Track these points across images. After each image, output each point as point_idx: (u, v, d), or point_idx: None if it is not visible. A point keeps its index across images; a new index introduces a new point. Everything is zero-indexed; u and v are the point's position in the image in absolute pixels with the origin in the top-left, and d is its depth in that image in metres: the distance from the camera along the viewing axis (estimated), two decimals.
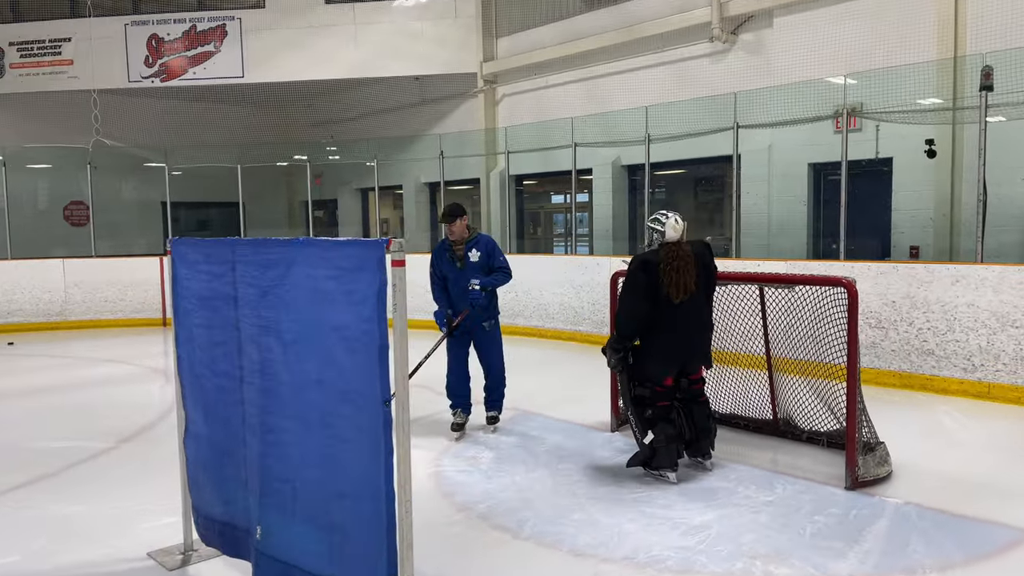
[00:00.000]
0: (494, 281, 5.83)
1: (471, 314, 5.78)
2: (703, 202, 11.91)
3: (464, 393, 6.11)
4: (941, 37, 8.16)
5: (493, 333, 6.02)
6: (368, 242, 2.55)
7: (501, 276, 5.85)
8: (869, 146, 8.76)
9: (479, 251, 5.81)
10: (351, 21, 13.67)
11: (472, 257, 5.79)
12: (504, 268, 5.86)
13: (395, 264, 2.53)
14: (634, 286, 4.82)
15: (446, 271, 5.87)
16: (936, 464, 5.14)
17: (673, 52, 11.02)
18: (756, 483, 4.81)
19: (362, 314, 2.58)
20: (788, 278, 5.22)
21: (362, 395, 2.62)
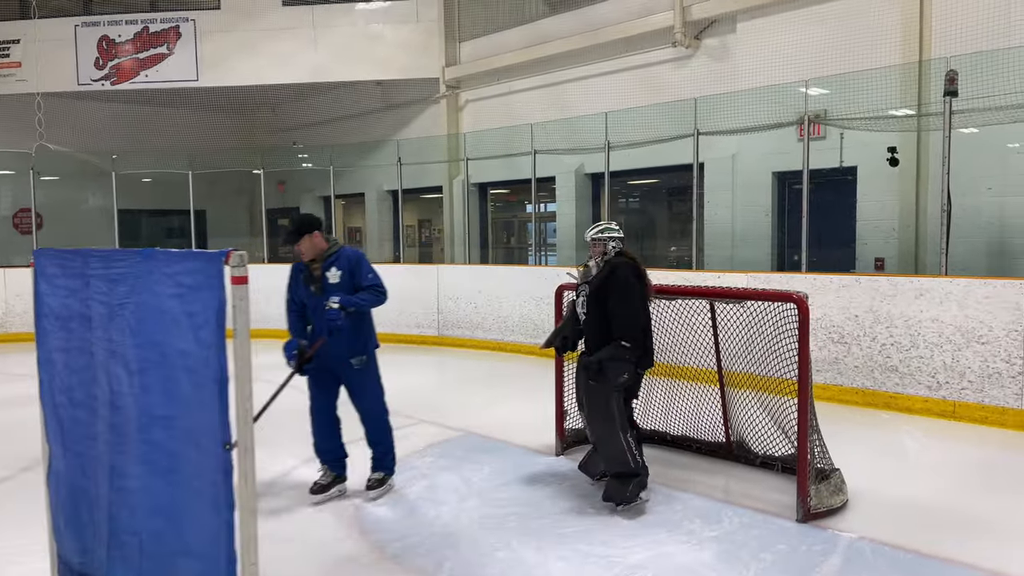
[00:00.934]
0: (360, 301, 4.63)
1: (332, 347, 4.58)
2: (677, 212, 11.60)
3: (332, 448, 4.91)
4: (906, 41, 7.91)
5: (366, 371, 4.81)
6: (208, 255, 2.15)
7: (370, 295, 4.69)
8: (833, 154, 8.48)
9: (340, 269, 4.67)
10: (310, 24, 13.26)
11: (331, 277, 4.65)
12: (375, 287, 4.71)
13: (235, 281, 2.14)
14: (638, 295, 4.57)
15: (303, 296, 4.75)
16: (896, 491, 4.81)
17: (637, 57, 10.72)
18: (703, 515, 4.44)
19: (202, 339, 2.19)
20: (737, 293, 4.88)
21: (206, 436, 2.22)
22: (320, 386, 4.85)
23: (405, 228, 17.79)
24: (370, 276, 4.74)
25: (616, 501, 4.53)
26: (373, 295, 4.70)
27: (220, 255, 2.11)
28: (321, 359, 4.63)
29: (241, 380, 2.10)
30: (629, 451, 4.55)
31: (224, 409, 2.14)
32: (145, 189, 14.60)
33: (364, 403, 4.86)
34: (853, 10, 8.39)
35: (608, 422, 4.57)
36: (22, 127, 13.18)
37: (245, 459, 2.11)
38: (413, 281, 11.36)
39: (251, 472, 2.13)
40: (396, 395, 7.59)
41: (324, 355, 4.62)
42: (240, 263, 2.09)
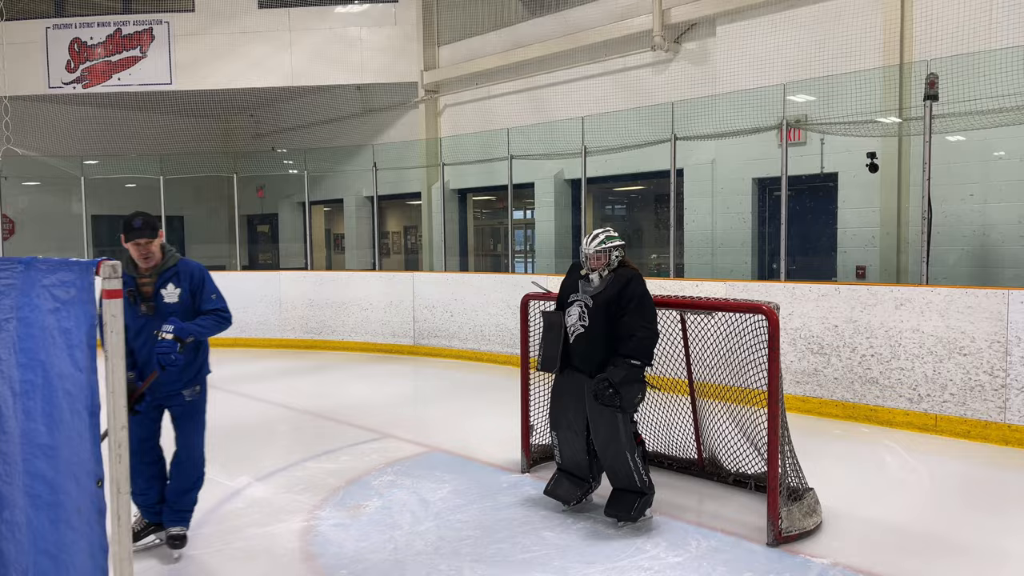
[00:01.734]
0: (199, 330, 3.83)
1: (162, 375, 3.77)
2: (661, 219, 11.41)
3: (151, 491, 4.11)
4: (887, 44, 7.75)
5: (196, 404, 4.09)
6: (81, 264, 1.91)
7: (212, 321, 3.91)
8: (814, 160, 8.31)
9: (178, 286, 3.89)
10: (286, 27, 13.03)
11: (167, 296, 3.86)
12: (218, 311, 3.95)
13: (107, 295, 1.89)
14: (654, 310, 4.37)
15: (127, 318, 3.76)
16: (873, 512, 4.59)
17: (616, 61, 10.54)
18: (668, 539, 4.20)
19: (77, 360, 1.94)
20: (706, 303, 4.66)
21: (82, 469, 1.97)
22: (143, 423, 3.95)
23: (392, 235, 17.59)
24: (213, 298, 3.96)
25: (619, 518, 4.35)
26: (215, 321, 3.92)
27: (92, 265, 1.86)
28: (150, 390, 3.86)
29: (115, 409, 1.85)
30: (636, 469, 4.36)
31: (96, 441, 1.90)
32: (122, 194, 14.29)
33: (187, 438, 4.09)
34: (834, 13, 8.23)
35: (615, 441, 4.35)
36: None
37: (118, 498, 1.86)
38: (388, 289, 11.12)
39: (125, 513, 1.88)
40: (364, 409, 7.43)
41: (154, 385, 3.84)
42: (112, 274, 1.85)
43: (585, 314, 4.40)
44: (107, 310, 1.84)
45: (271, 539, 4.27)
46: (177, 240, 17.65)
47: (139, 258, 3.83)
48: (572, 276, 4.67)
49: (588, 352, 4.39)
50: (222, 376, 9.69)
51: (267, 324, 11.73)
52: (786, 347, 7.06)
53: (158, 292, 3.87)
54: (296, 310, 11.64)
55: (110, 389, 1.85)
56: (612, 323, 4.34)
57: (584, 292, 4.47)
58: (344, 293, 11.39)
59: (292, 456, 5.84)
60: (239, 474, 5.40)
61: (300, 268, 12.92)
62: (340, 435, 6.50)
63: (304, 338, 11.58)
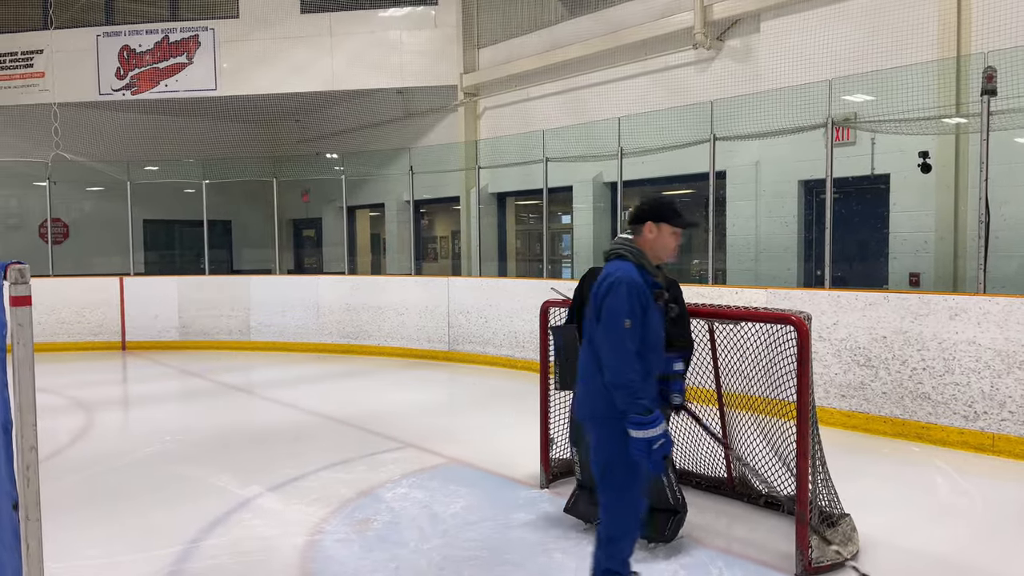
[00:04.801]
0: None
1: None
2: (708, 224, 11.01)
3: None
4: (943, 36, 7.26)
5: None
6: None
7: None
8: (864, 161, 7.85)
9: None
10: (327, 32, 13.06)
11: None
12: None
13: (14, 302, 1.72)
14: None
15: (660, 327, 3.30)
16: (917, 541, 4.20)
17: (656, 60, 10.21)
18: (690, 566, 3.91)
19: None
20: (732, 313, 4.34)
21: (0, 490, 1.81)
22: None
23: (439, 240, 17.52)
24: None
25: (652, 539, 4.11)
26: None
27: (0, 268, 1.71)
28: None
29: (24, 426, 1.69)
30: (669, 486, 4.14)
31: (10, 460, 1.74)
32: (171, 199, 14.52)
33: None
34: (885, 4, 7.76)
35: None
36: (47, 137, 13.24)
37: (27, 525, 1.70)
38: (424, 294, 11.00)
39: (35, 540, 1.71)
40: (388, 417, 7.30)
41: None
42: (20, 279, 1.69)
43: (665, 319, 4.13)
44: (14, 318, 1.69)
45: (271, 553, 4.13)
46: (225, 244, 17.93)
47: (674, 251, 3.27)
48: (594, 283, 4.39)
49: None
50: (254, 381, 9.75)
51: (305, 329, 11.73)
52: (830, 359, 6.65)
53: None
54: (333, 315, 11.61)
55: (21, 406, 1.69)
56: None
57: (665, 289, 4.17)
58: (381, 298, 11.32)
59: (308, 465, 5.71)
60: (251, 483, 5.29)
61: (340, 273, 12.91)
62: (361, 444, 6.36)
63: (341, 343, 11.54)
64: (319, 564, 4.01)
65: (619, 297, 3.01)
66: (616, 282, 3.04)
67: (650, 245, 3.18)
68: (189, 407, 8.41)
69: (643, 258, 3.16)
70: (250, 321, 12.01)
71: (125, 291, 12.18)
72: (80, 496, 5.14)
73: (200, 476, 5.52)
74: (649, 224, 3.16)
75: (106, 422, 7.52)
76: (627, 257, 3.15)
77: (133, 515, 4.76)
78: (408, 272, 12.47)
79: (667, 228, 3.15)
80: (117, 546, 4.25)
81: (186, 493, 5.16)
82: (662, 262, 3.25)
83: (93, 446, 6.53)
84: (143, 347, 12.08)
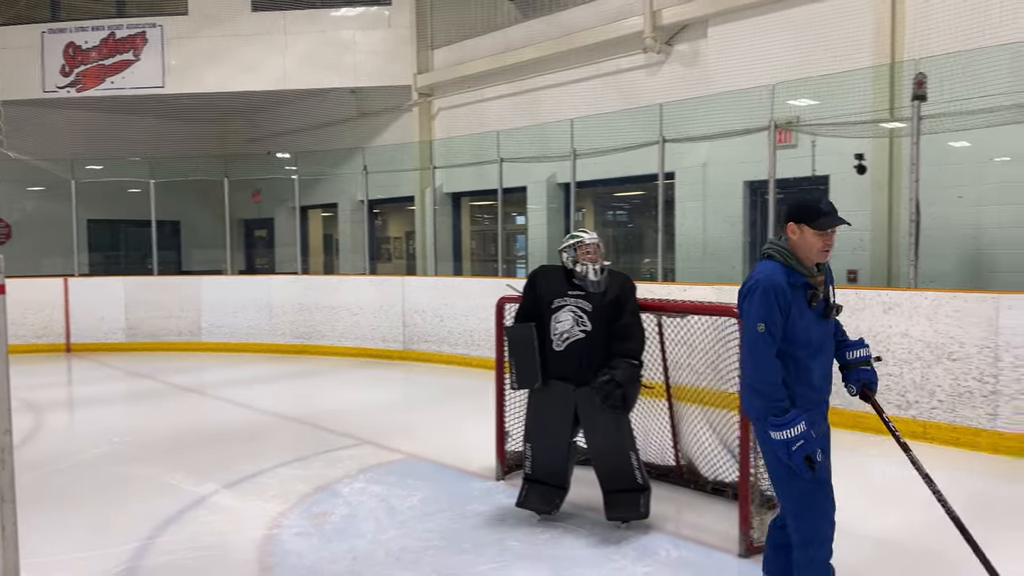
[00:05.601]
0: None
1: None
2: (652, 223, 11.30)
3: None
4: (878, 44, 7.61)
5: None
6: None
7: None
8: (805, 163, 8.15)
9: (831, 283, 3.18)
10: (280, 30, 12.98)
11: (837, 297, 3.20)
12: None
13: None
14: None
15: (810, 332, 3.07)
16: (852, 523, 4.40)
17: (608, 64, 10.43)
18: (638, 549, 4.07)
19: None
20: (680, 306, 4.53)
21: None
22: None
23: (393, 240, 17.48)
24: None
25: (628, 517, 4.31)
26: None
27: None
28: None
29: None
30: (638, 467, 4.32)
31: None
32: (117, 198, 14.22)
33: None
34: (825, 13, 8.09)
35: (617, 442, 4.29)
36: None
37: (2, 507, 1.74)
38: (378, 294, 11.02)
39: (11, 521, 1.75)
40: (344, 415, 7.33)
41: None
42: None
43: (585, 318, 4.27)
44: None
45: (227, 549, 4.16)
46: (174, 245, 17.60)
47: (822, 252, 3.00)
48: (551, 280, 4.50)
49: (588, 357, 4.24)
50: (206, 382, 9.65)
51: (258, 329, 11.64)
52: None
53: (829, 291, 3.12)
54: (287, 315, 11.55)
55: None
56: (610, 324, 4.26)
57: (572, 296, 4.33)
58: (334, 298, 11.30)
59: (265, 463, 5.72)
60: (206, 481, 5.29)
61: (293, 273, 12.84)
62: (317, 441, 6.40)
63: (294, 343, 11.48)
64: (277, 557, 4.05)
65: (753, 301, 2.95)
66: (753, 285, 2.97)
67: (796, 246, 2.99)
68: (138, 408, 8.30)
69: (792, 258, 2.98)
70: (201, 322, 11.86)
71: (70, 292, 11.92)
72: (31, 496, 5.04)
73: (152, 475, 5.49)
74: (791, 225, 3.00)
75: (54, 423, 7.40)
76: (775, 257, 3.00)
77: (85, 514, 4.73)
78: (362, 272, 12.48)
79: (808, 230, 2.94)
80: (70, 544, 4.24)
81: (138, 492, 5.14)
82: (815, 263, 2.99)
83: (42, 447, 6.43)
84: (89, 349, 11.83)
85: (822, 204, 3.00)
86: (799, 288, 2.96)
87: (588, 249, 4.35)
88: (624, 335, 4.28)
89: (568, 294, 4.34)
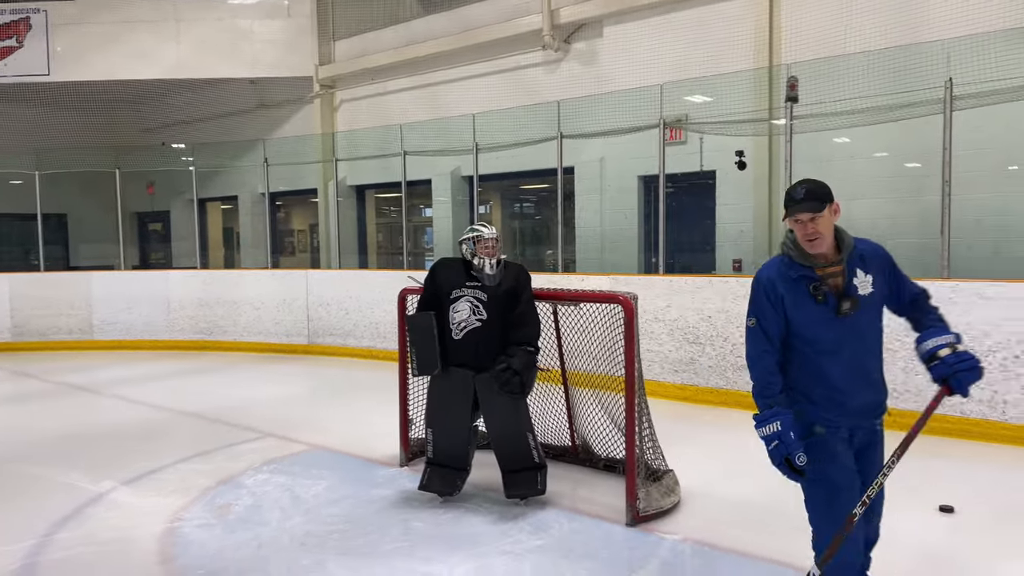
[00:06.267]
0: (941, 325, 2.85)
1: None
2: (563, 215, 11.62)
3: None
4: (757, 49, 8.14)
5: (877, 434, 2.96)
6: None
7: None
8: (694, 159, 8.64)
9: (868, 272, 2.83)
10: (172, 17, 12.59)
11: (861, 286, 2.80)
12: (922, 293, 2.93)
13: None
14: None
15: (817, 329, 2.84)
16: (729, 490, 4.83)
17: (509, 60, 10.67)
18: (533, 523, 4.32)
19: None
20: (571, 295, 4.81)
21: None
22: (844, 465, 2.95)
23: (297, 233, 17.20)
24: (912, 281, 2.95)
25: (526, 494, 4.56)
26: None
27: None
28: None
29: None
30: (535, 447, 4.56)
31: None
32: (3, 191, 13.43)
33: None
34: (709, 18, 8.58)
35: (515, 425, 4.52)
36: None
37: None
38: (281, 288, 10.92)
39: None
40: (247, 409, 7.30)
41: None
42: None
43: (481, 308, 4.48)
44: None
45: (128, 543, 4.15)
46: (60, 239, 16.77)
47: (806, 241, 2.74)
48: (449, 272, 4.70)
49: (485, 345, 4.46)
50: (100, 380, 9.34)
51: (154, 326, 11.32)
52: (665, 338, 7.33)
53: (851, 282, 2.77)
54: (185, 310, 11.28)
55: None
56: (507, 313, 4.49)
57: (470, 286, 4.54)
58: (236, 292, 11.12)
59: (164, 459, 5.67)
60: (103, 478, 5.21)
61: (192, 267, 12.51)
62: (219, 436, 6.36)
63: (194, 339, 11.23)
64: (179, 548, 4.09)
65: (750, 296, 2.86)
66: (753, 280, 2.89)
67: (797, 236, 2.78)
68: (27, 408, 7.97)
69: (793, 249, 2.77)
70: (92, 319, 11.43)
71: None
72: None
73: (46, 475, 5.36)
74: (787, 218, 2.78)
75: None
76: (782, 249, 2.84)
77: None
78: (264, 266, 12.29)
79: (790, 219, 2.74)
80: None
81: (32, 491, 5.02)
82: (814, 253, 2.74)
83: None
84: None
85: (795, 191, 2.73)
86: (799, 280, 2.73)
87: (487, 244, 4.58)
88: (520, 323, 4.53)
89: (466, 285, 4.56)
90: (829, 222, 2.70)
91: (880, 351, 2.84)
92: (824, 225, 2.68)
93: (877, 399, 2.83)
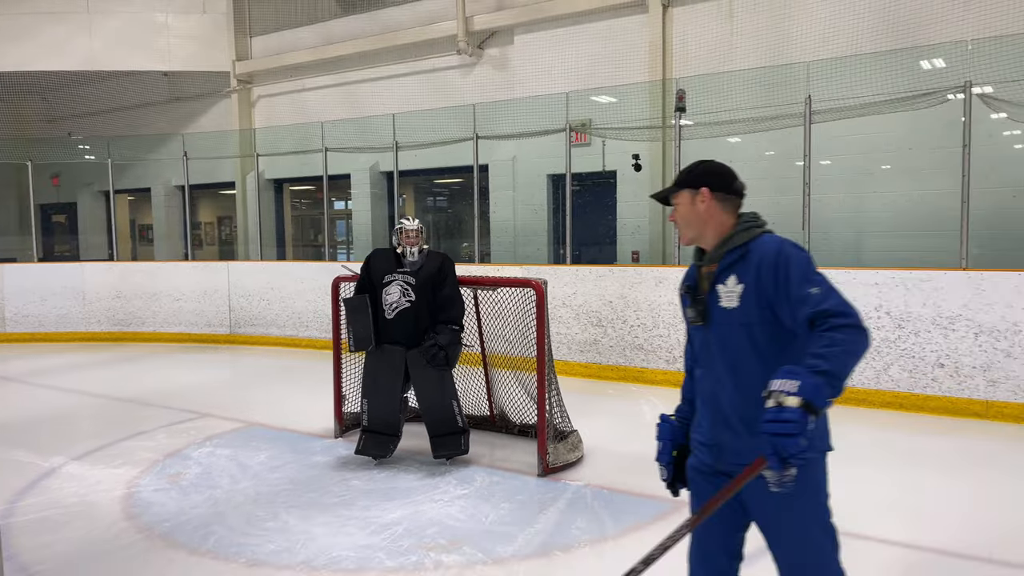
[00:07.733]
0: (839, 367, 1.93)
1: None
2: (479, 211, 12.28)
3: None
4: (652, 62, 9.04)
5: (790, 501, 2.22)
6: None
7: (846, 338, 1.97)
8: (597, 160, 9.49)
9: (743, 280, 2.20)
10: (84, 9, 12.52)
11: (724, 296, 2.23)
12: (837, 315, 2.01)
13: None
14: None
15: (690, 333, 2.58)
16: (625, 448, 5.64)
17: (426, 62, 11.25)
18: (459, 478, 4.99)
19: None
20: (489, 280, 5.50)
21: None
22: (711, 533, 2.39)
23: (204, 225, 17.17)
24: (813, 292, 2.07)
25: (452, 454, 5.22)
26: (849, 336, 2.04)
27: None
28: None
29: None
30: (459, 413, 5.24)
31: None
32: None
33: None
34: (609, 32, 9.44)
35: (441, 393, 5.18)
36: None
37: None
38: (202, 279, 11.15)
39: None
40: (179, 393, 7.64)
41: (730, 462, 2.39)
42: None
43: (410, 291, 5.11)
44: None
45: (91, 506, 4.58)
46: None
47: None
48: (381, 260, 5.33)
49: (413, 324, 5.11)
50: (18, 371, 9.41)
51: (69, 317, 11.33)
52: (571, 321, 8.13)
53: (714, 288, 2.24)
54: (102, 302, 11.34)
55: None
56: (433, 296, 5.13)
57: (400, 272, 5.17)
58: (154, 284, 11.26)
59: (106, 438, 6.03)
60: (52, 456, 5.55)
61: (101, 259, 12.50)
62: (155, 417, 6.72)
63: (112, 330, 11.31)
64: (140, 508, 4.55)
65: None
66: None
67: None
68: None
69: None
70: (4, 312, 11.32)
71: None
72: None
73: None
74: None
75: None
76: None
77: None
78: (179, 258, 12.42)
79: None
80: None
81: None
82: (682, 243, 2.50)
83: None
84: None
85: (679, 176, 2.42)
86: (688, 274, 2.38)
87: (409, 234, 5.25)
88: (445, 305, 5.20)
89: (396, 271, 5.20)
90: (690, 210, 2.30)
91: (750, 385, 2.12)
92: (682, 213, 2.32)
93: (732, 444, 2.20)
